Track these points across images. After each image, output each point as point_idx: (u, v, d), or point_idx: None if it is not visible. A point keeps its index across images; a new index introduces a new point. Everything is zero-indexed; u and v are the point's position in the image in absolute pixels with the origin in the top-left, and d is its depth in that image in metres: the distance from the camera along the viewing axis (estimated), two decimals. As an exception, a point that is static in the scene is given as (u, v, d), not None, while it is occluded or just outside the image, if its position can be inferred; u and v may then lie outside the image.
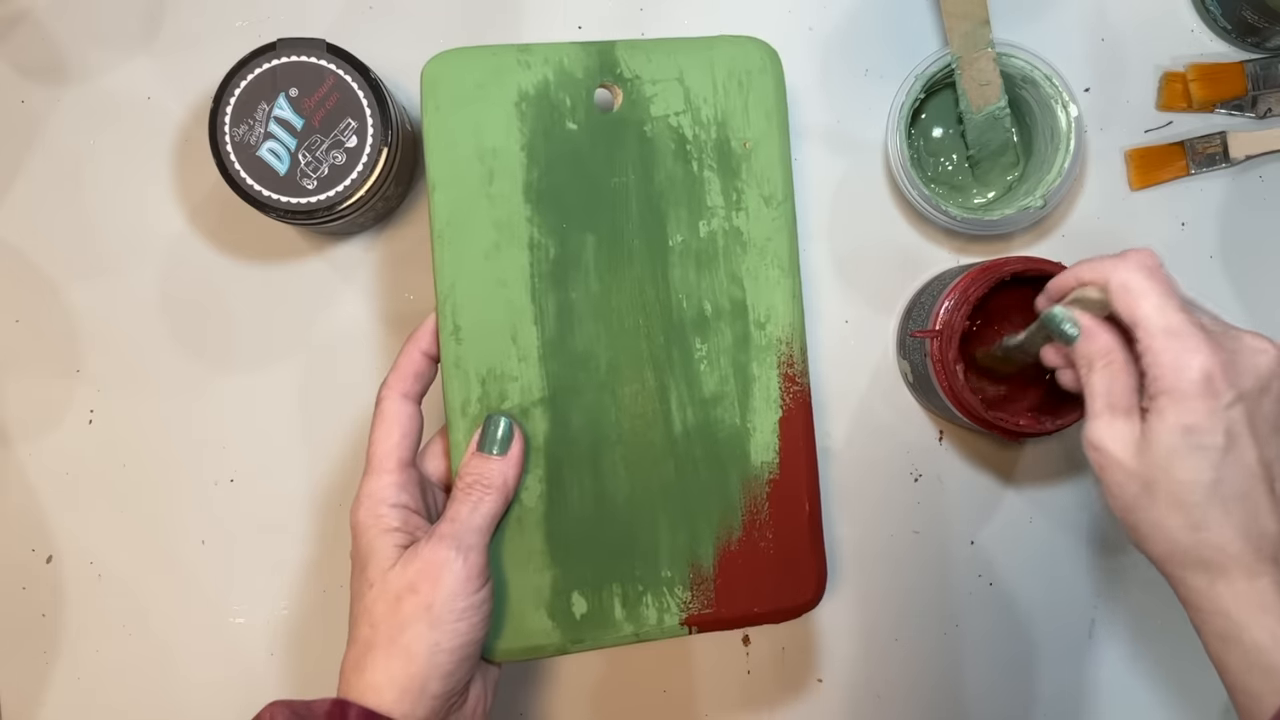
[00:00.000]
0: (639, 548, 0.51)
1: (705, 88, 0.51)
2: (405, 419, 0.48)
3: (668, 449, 0.52)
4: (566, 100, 0.50)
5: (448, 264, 0.49)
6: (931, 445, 0.65)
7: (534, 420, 0.50)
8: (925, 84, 0.61)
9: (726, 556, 0.52)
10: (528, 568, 0.50)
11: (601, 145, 0.50)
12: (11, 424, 0.64)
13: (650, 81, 0.50)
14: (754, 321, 0.52)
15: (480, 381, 0.49)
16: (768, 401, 0.53)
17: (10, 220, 0.64)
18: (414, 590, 0.45)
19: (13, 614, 0.64)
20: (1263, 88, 0.64)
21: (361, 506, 0.47)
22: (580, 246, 0.50)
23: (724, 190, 0.52)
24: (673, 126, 0.51)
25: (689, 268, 0.51)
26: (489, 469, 0.48)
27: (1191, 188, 0.65)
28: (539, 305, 0.50)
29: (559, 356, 0.50)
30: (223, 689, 0.64)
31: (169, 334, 0.64)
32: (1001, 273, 0.57)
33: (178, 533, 0.64)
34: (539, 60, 0.49)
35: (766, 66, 0.52)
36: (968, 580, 0.65)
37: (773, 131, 0.52)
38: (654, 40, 0.51)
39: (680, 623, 0.52)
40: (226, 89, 0.57)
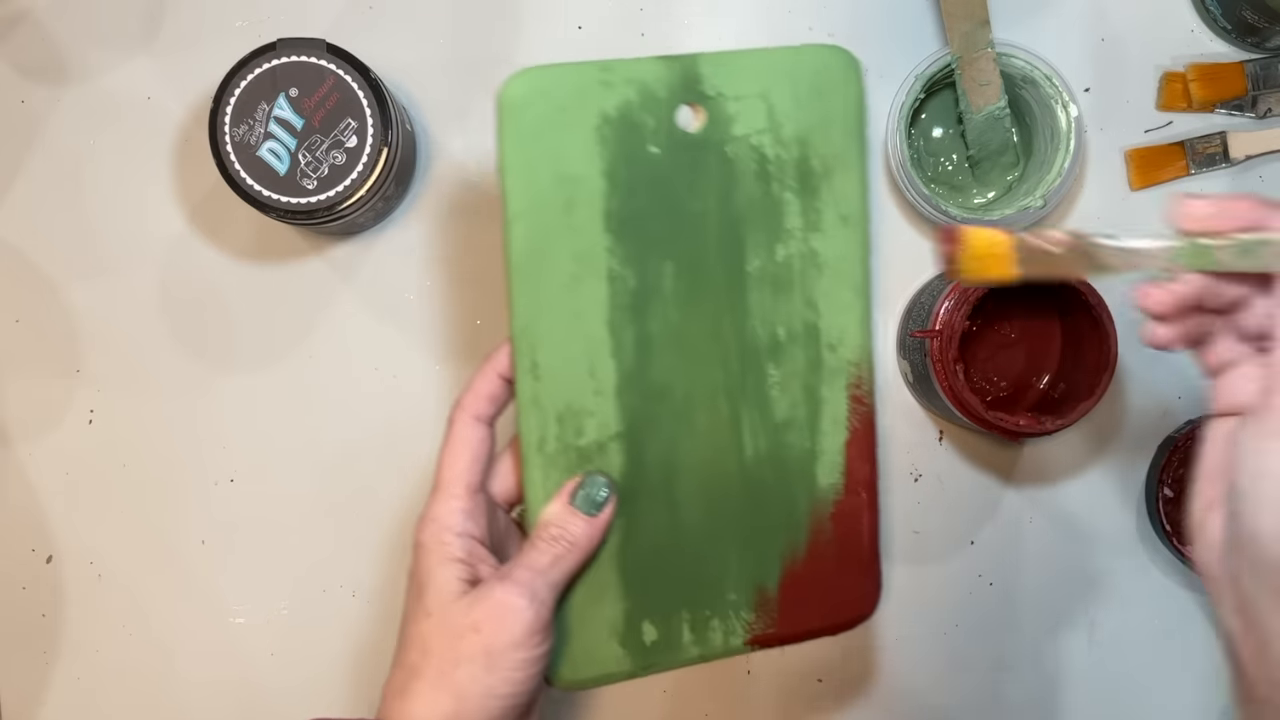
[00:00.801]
0: (708, 573, 0.51)
1: (788, 103, 0.48)
2: (477, 443, 0.47)
3: (739, 475, 0.50)
4: (649, 122, 0.46)
5: (525, 299, 0.46)
6: (931, 445, 0.65)
7: (610, 455, 0.48)
8: (925, 84, 0.61)
9: (790, 577, 0.52)
10: (602, 600, 0.49)
11: (682, 169, 0.47)
12: (11, 424, 0.64)
13: (734, 99, 0.47)
14: (826, 345, 0.51)
15: (557, 418, 0.47)
16: (836, 424, 0.52)
17: (10, 220, 0.64)
18: (477, 630, 0.44)
19: (13, 614, 0.64)
20: (1263, 88, 0.64)
21: (426, 529, 0.46)
22: (659, 275, 0.47)
23: (803, 211, 0.49)
24: (754, 146, 0.48)
25: (765, 293, 0.49)
26: (578, 527, 0.47)
27: (1191, 188, 0.64)
28: (617, 338, 0.47)
29: (636, 389, 0.48)
30: (223, 689, 0.64)
31: (169, 334, 0.64)
32: (1001, 273, 0.57)
33: (178, 533, 0.64)
34: (621, 80, 0.46)
35: (850, 78, 0.49)
36: (968, 580, 0.65)
37: (853, 146, 0.50)
38: (737, 52, 0.48)
39: (744, 643, 0.52)
40: (226, 89, 0.57)
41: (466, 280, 0.64)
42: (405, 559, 0.64)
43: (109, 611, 0.64)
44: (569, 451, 0.47)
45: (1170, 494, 0.62)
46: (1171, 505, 0.62)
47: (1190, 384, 0.65)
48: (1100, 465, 0.65)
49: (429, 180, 0.64)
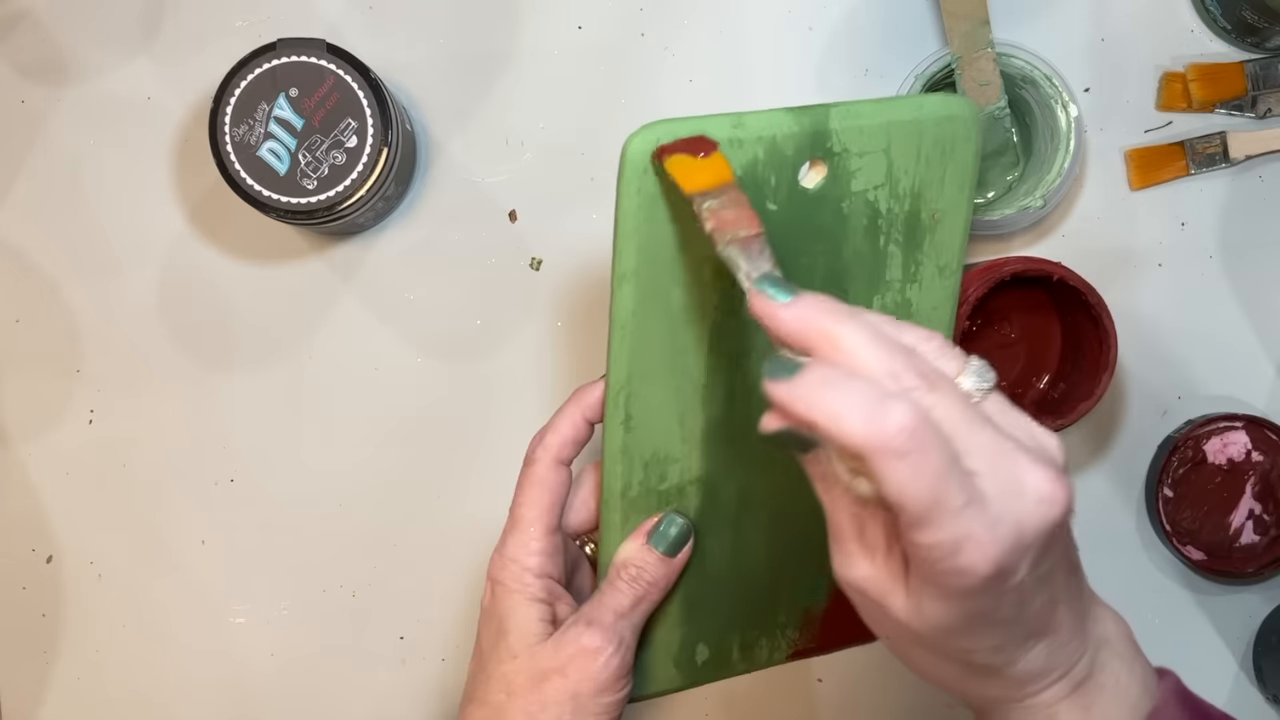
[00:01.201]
0: (762, 600, 0.51)
1: (909, 158, 0.46)
2: (558, 485, 0.47)
3: (803, 513, 0.49)
4: (772, 180, 0.44)
5: (628, 356, 0.45)
6: (931, 445, 0.65)
7: (688, 496, 0.48)
8: (925, 84, 0.61)
9: (835, 597, 0.52)
10: (662, 626, 0.49)
11: (797, 224, 0.46)
12: (11, 424, 0.64)
13: (857, 154, 0.46)
14: None
15: (643, 466, 0.47)
16: None
17: (10, 220, 0.64)
18: (563, 674, 0.44)
19: (13, 614, 0.64)
20: (1263, 88, 0.64)
21: (506, 569, 0.46)
22: (757, 328, 0.45)
23: (904, 264, 0.48)
24: (869, 201, 0.47)
25: None
26: (657, 568, 0.47)
27: (1191, 188, 0.64)
28: (709, 388, 0.47)
29: (721, 437, 0.48)
30: (223, 689, 0.64)
31: (169, 334, 0.64)
32: (1001, 273, 0.57)
33: (178, 533, 0.64)
34: (752, 137, 0.44)
35: (971, 132, 0.47)
36: (968, 580, 0.65)
37: (962, 200, 0.48)
38: (866, 103, 0.46)
39: (786, 657, 0.52)
40: (226, 89, 0.57)
41: (466, 280, 0.64)
42: (405, 559, 0.64)
43: (109, 611, 0.64)
44: (650, 495, 0.47)
45: (1170, 494, 0.62)
46: (1171, 505, 0.62)
47: (1190, 384, 0.65)
48: (1100, 465, 0.65)
49: (429, 180, 0.64)
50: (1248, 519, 0.62)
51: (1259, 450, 0.62)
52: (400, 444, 0.64)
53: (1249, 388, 0.64)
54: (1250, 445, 0.62)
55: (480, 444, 0.64)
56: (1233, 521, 0.62)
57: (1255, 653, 0.64)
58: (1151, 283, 0.64)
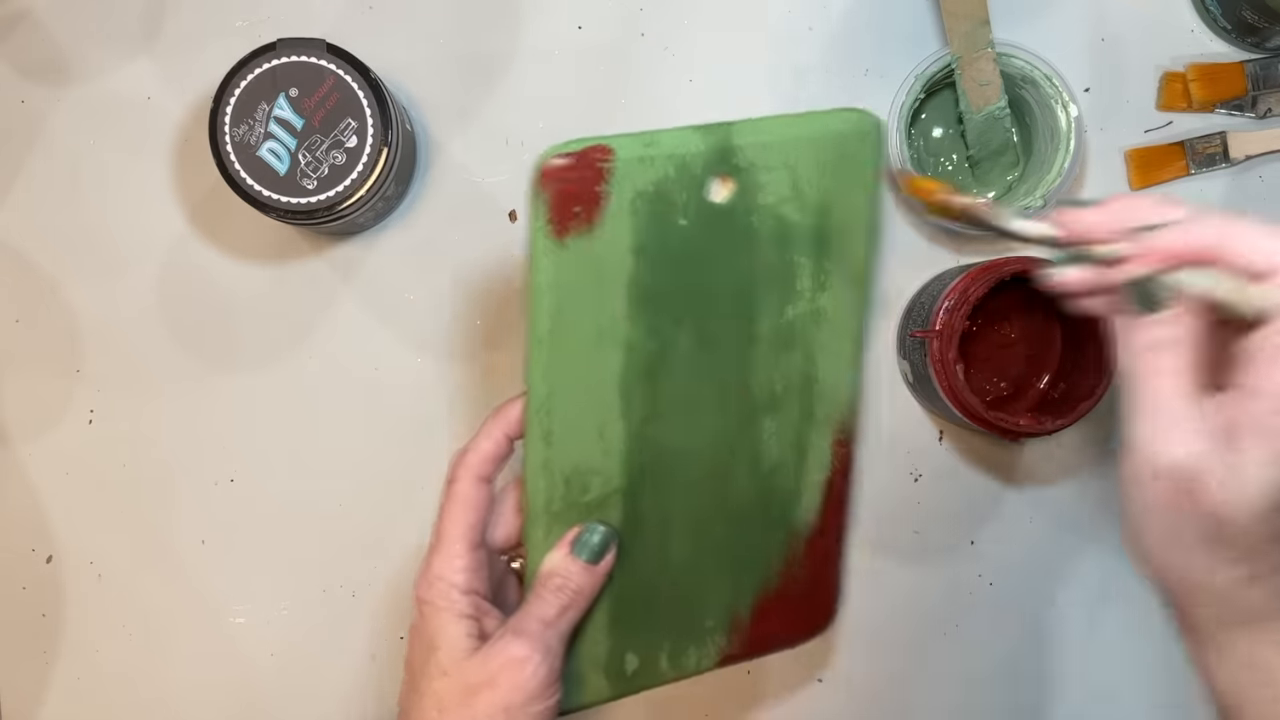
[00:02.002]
0: (689, 607, 0.52)
1: (812, 171, 0.48)
2: (480, 503, 0.47)
3: (725, 519, 0.51)
4: (682, 196, 0.46)
5: (544, 372, 0.46)
6: (931, 445, 0.65)
7: (611, 507, 0.49)
8: (925, 84, 0.61)
9: (763, 603, 0.53)
10: (591, 637, 0.50)
11: (707, 239, 0.47)
12: (11, 424, 0.64)
13: (763, 169, 0.47)
14: (818, 395, 0.52)
15: (565, 480, 0.47)
16: (819, 466, 0.53)
17: (10, 220, 0.64)
18: (492, 686, 0.45)
19: (13, 614, 0.64)
20: (1263, 88, 0.64)
21: (433, 587, 0.46)
22: (673, 341, 0.47)
23: (814, 273, 0.49)
24: (777, 215, 0.48)
25: (770, 352, 0.50)
26: (581, 576, 0.47)
27: (1191, 188, 0.64)
28: (628, 401, 0.47)
29: (641, 448, 0.48)
30: (223, 689, 0.64)
31: (169, 334, 0.64)
32: (1001, 273, 0.57)
33: (178, 533, 0.64)
34: (663, 155, 0.45)
35: (873, 144, 0.49)
36: (968, 580, 0.65)
37: (867, 209, 0.50)
38: (770, 120, 0.47)
39: (714, 664, 0.53)
40: (226, 89, 0.57)
41: (466, 280, 0.64)
42: (405, 559, 0.64)
43: (109, 611, 0.64)
44: (574, 508, 0.48)
45: (1170, 494, 0.62)
46: (1171, 505, 0.62)
47: (1190, 384, 0.65)
48: (1100, 465, 0.65)
49: (429, 180, 0.64)
50: (1248, 519, 0.62)
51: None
52: (400, 444, 0.64)
53: (1249, 388, 0.64)
54: (1250, 445, 0.62)
55: (480, 444, 0.64)
56: None
57: (1255, 653, 0.64)
58: (1151, 283, 0.64)
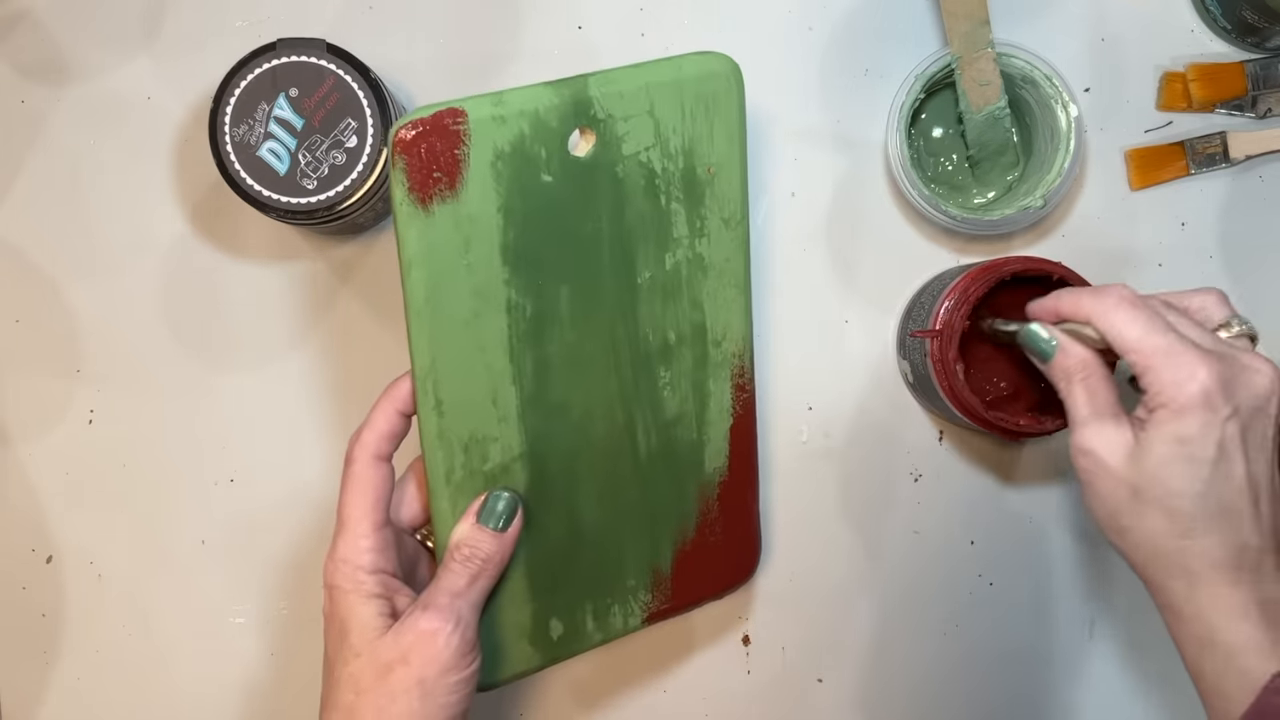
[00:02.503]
0: (608, 566, 0.52)
1: (674, 117, 0.48)
2: (380, 481, 0.47)
3: (634, 474, 0.52)
4: (542, 152, 0.46)
5: (427, 340, 0.46)
6: (931, 445, 0.65)
7: (514, 474, 0.49)
8: (925, 84, 0.61)
9: (682, 555, 0.54)
10: (510, 607, 0.50)
11: (575, 193, 0.47)
12: (11, 424, 0.64)
13: (622, 119, 0.47)
14: (711, 341, 0.52)
15: (463, 449, 0.48)
16: (721, 412, 0.54)
17: (10, 220, 0.64)
18: (405, 661, 0.45)
19: (13, 614, 0.64)
20: (1263, 88, 0.64)
21: (339, 571, 0.47)
22: (555, 299, 0.48)
23: (689, 220, 0.50)
24: (643, 163, 0.48)
25: (655, 301, 0.50)
26: (489, 544, 0.47)
27: (1191, 188, 0.64)
28: (517, 365, 0.48)
29: (537, 410, 0.49)
30: (223, 689, 0.64)
31: (169, 334, 0.64)
32: (1001, 273, 0.57)
33: (178, 533, 0.64)
34: (514, 113, 0.45)
35: (731, 86, 0.50)
36: (968, 580, 0.65)
37: (734, 152, 0.51)
38: (624, 70, 0.48)
39: (642, 621, 0.54)
40: (226, 89, 0.57)
41: (466, 280, 0.64)
42: (405, 559, 0.64)
43: (109, 611, 0.64)
44: (475, 477, 0.48)
45: (1170, 494, 0.62)
46: (1171, 505, 0.62)
47: (1190, 384, 0.65)
48: (1100, 465, 0.65)
49: (429, 180, 0.64)
50: (1248, 519, 0.62)
51: (1259, 450, 0.62)
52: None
53: (1249, 388, 0.64)
54: (1250, 445, 0.62)
55: (480, 444, 0.64)
56: None
57: (1255, 653, 0.64)
58: (1151, 283, 0.64)
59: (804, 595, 0.64)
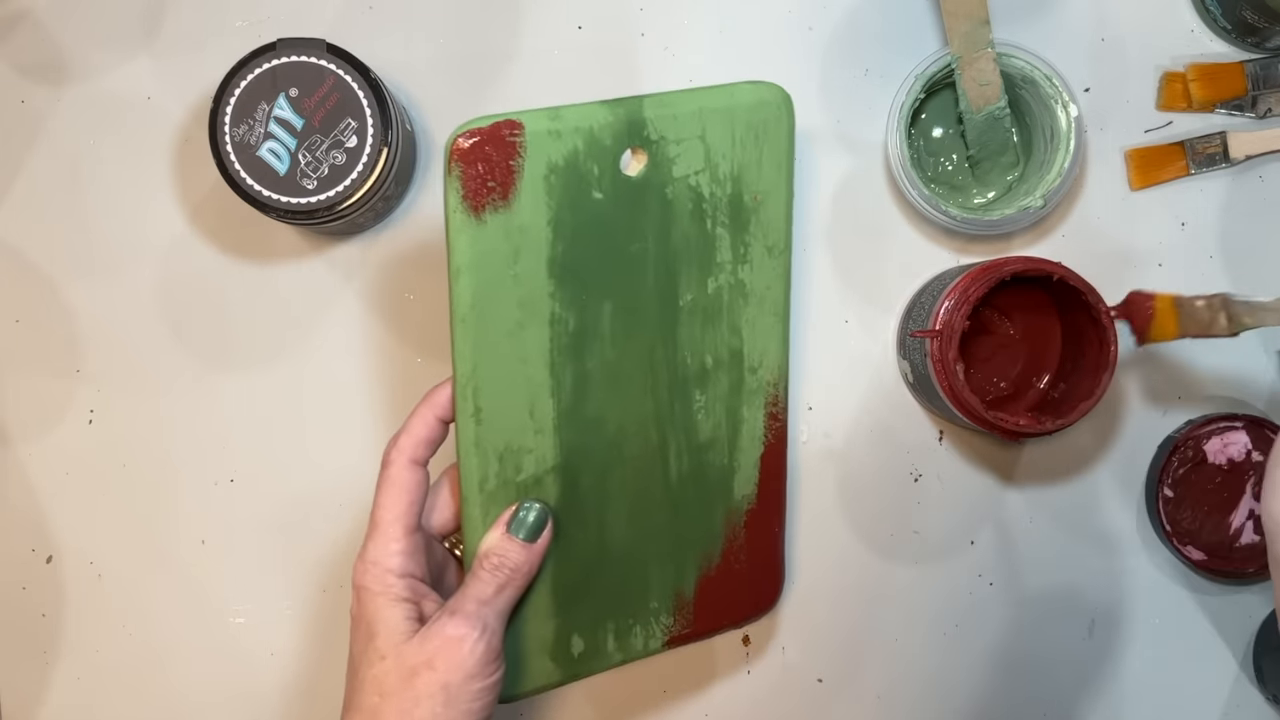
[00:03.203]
0: (632, 586, 0.52)
1: (724, 143, 0.49)
2: (414, 486, 0.47)
3: (663, 495, 0.52)
4: (594, 169, 0.46)
5: (470, 348, 0.46)
6: (931, 445, 0.65)
7: (546, 487, 0.49)
8: (925, 84, 0.61)
9: (706, 580, 0.54)
10: (534, 620, 0.50)
11: (624, 212, 0.48)
12: (11, 424, 0.64)
13: (675, 141, 0.48)
14: (748, 368, 0.53)
15: (498, 458, 0.48)
16: (753, 440, 0.54)
17: (10, 220, 0.64)
18: (431, 667, 0.45)
19: (13, 614, 0.64)
20: (1263, 88, 0.64)
21: (368, 573, 0.47)
22: (598, 316, 0.48)
23: (733, 245, 0.50)
24: (692, 187, 0.49)
25: (695, 324, 0.51)
26: (518, 554, 0.47)
27: (1191, 188, 0.64)
28: (556, 378, 0.48)
29: (572, 425, 0.49)
30: (223, 689, 0.64)
31: (169, 334, 0.64)
32: (1001, 273, 0.57)
33: (178, 533, 0.64)
34: (569, 129, 0.45)
35: (782, 115, 0.50)
36: (968, 580, 0.65)
37: (781, 181, 0.51)
38: (678, 93, 0.48)
39: (662, 644, 0.54)
40: (226, 89, 0.57)
41: (466, 280, 0.64)
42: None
43: (109, 611, 0.64)
44: (508, 487, 0.48)
45: (1170, 494, 0.62)
46: (1171, 505, 0.62)
47: (1190, 384, 0.65)
48: (1100, 465, 0.65)
49: (429, 180, 0.64)
50: (1248, 519, 0.62)
51: (1259, 450, 0.62)
52: (400, 444, 0.64)
53: (1249, 388, 0.64)
54: (1250, 445, 0.62)
55: (480, 444, 0.64)
56: (1233, 521, 0.63)
57: (1255, 653, 0.64)
58: (1151, 283, 0.64)
59: (804, 595, 0.65)
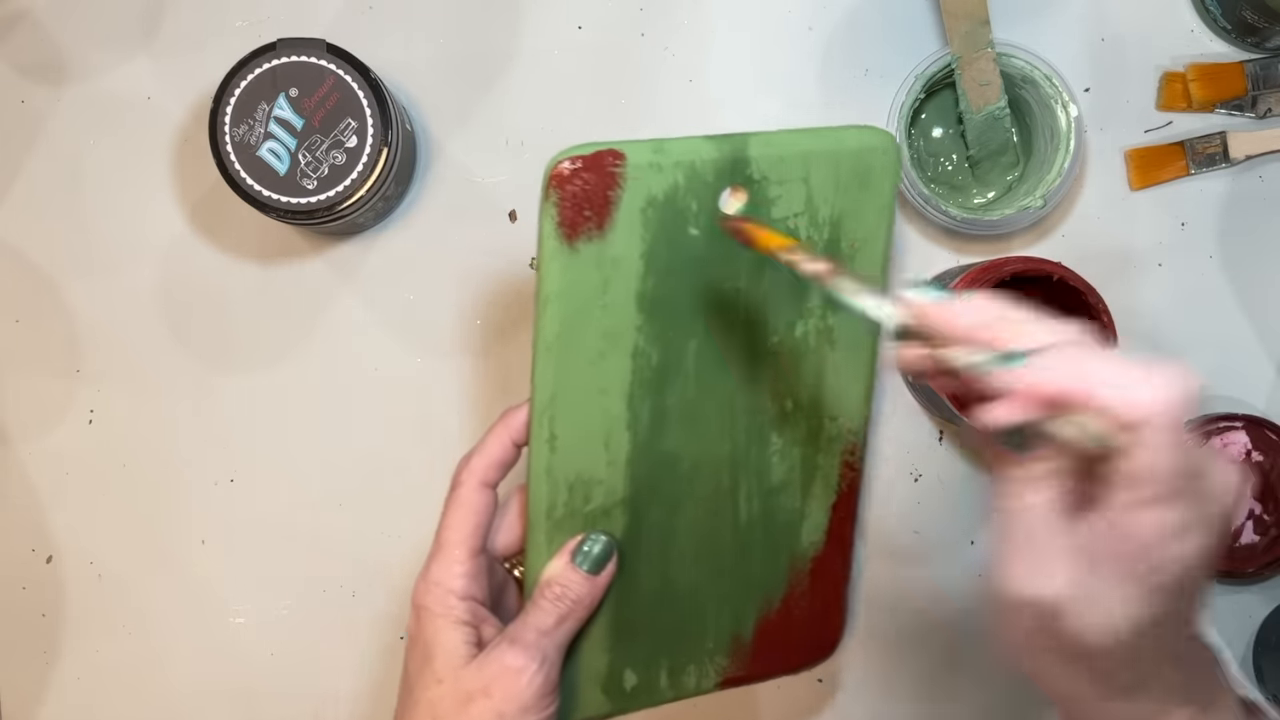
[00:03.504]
0: (690, 626, 0.52)
1: (827, 187, 0.48)
2: (483, 508, 0.47)
3: (730, 536, 0.51)
4: (693, 205, 0.45)
5: (551, 376, 0.46)
6: (931, 445, 0.65)
7: (613, 518, 0.48)
8: (925, 84, 0.61)
9: (765, 625, 0.53)
10: (589, 651, 0.49)
11: (718, 250, 0.46)
12: (11, 424, 0.64)
13: (777, 182, 0.47)
14: (828, 415, 0.52)
15: (568, 487, 0.47)
16: (826, 488, 0.53)
17: (10, 220, 0.64)
18: (487, 694, 0.44)
19: (13, 614, 0.64)
20: (1263, 88, 0.64)
21: (430, 593, 0.46)
22: (682, 352, 0.47)
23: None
24: (790, 229, 0.48)
25: (780, 368, 0.50)
26: (581, 586, 0.47)
27: (1191, 188, 0.64)
28: (634, 411, 0.47)
29: (646, 459, 0.48)
30: (223, 689, 0.64)
31: (169, 334, 0.64)
32: (1001, 273, 0.57)
33: (178, 533, 0.64)
34: (671, 163, 0.45)
35: (888, 163, 0.49)
36: (968, 580, 0.65)
37: (881, 230, 0.50)
38: (784, 133, 0.47)
39: (715, 685, 0.53)
40: (226, 89, 0.57)
41: (466, 280, 0.64)
42: (405, 559, 0.64)
43: (109, 611, 0.64)
44: (575, 517, 0.48)
45: (1170, 494, 0.62)
46: (1171, 505, 0.62)
47: (1190, 384, 0.65)
48: (1100, 465, 0.65)
49: (429, 180, 0.64)
50: (1247, 519, 0.62)
51: (1259, 450, 0.62)
52: (400, 444, 0.64)
53: (1249, 388, 0.64)
54: (1250, 445, 0.62)
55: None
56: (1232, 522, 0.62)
57: (1255, 653, 0.64)
58: (1151, 283, 0.64)
59: (804, 595, 0.65)
